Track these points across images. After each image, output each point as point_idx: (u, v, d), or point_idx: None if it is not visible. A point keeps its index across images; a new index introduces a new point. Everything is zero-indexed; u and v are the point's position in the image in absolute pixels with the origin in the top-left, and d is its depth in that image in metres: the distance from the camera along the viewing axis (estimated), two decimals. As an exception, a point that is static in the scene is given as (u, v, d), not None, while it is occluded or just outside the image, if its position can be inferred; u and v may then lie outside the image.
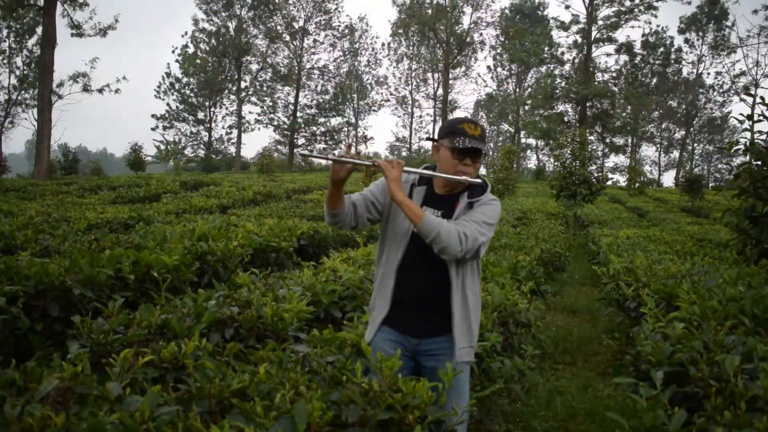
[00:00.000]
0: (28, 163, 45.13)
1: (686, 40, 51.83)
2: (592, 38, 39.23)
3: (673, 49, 45.87)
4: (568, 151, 14.43)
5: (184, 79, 50.29)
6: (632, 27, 62.61)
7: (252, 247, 5.90)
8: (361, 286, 3.90)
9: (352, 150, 2.19)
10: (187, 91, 50.57)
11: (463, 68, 50.75)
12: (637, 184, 31.70)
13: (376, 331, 2.26)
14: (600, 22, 39.34)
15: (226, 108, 51.78)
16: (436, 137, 2.32)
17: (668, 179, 62.47)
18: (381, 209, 2.31)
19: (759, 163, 6.85)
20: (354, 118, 55.45)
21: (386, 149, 59.32)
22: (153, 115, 49.84)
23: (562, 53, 41.08)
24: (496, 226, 2.23)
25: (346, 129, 54.57)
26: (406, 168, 2.16)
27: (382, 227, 2.34)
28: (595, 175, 14.22)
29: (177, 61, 50.18)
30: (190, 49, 48.90)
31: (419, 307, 2.21)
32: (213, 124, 51.82)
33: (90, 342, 2.45)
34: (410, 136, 57.91)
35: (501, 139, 59.76)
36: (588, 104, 38.83)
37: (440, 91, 50.62)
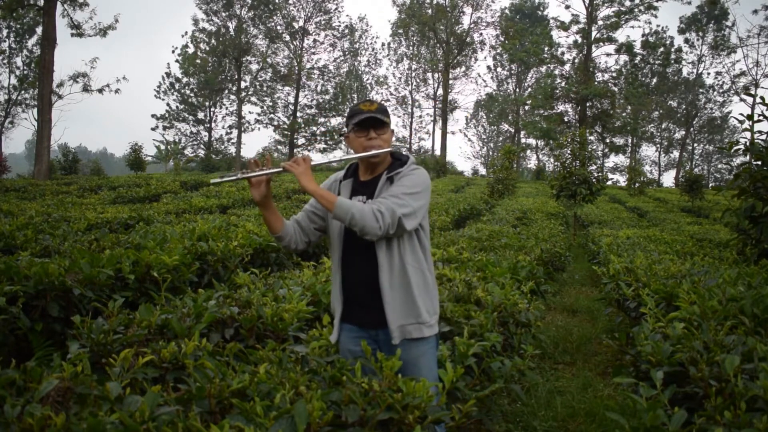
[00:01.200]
0: (28, 163, 45.18)
1: (686, 40, 51.87)
2: (592, 38, 39.21)
3: (673, 49, 45.81)
4: (568, 151, 14.41)
5: (184, 79, 50.31)
6: (632, 27, 63.02)
7: (252, 247, 5.90)
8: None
9: (261, 162, 2.20)
10: (187, 91, 50.60)
11: (463, 68, 50.80)
12: (637, 184, 31.69)
13: (339, 331, 2.29)
14: (600, 22, 39.34)
15: (226, 108, 51.84)
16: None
17: (668, 179, 62.59)
18: (323, 215, 2.35)
19: (759, 163, 6.85)
20: (354, 118, 55.36)
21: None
22: (153, 115, 49.90)
23: (562, 53, 41.06)
24: (425, 195, 2.18)
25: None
26: (313, 162, 2.19)
27: (328, 233, 2.37)
28: (595, 175, 14.20)
29: (177, 61, 50.24)
30: (190, 49, 48.94)
31: (367, 297, 2.21)
32: (213, 124, 51.85)
33: (90, 342, 2.45)
34: (410, 136, 57.97)
35: (501, 139, 59.79)
36: (588, 104, 38.80)
37: (440, 91, 50.64)
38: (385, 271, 2.15)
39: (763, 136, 6.91)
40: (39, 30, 34.36)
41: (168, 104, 50.56)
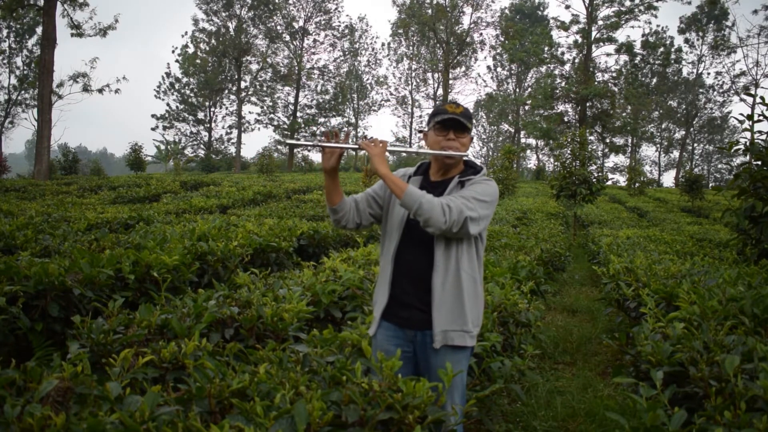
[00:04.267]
0: (28, 163, 45.18)
1: (686, 40, 51.85)
2: (592, 38, 39.19)
3: (673, 49, 45.80)
4: (568, 151, 14.40)
5: (184, 79, 50.33)
6: (632, 27, 62.97)
7: (252, 247, 5.90)
8: (361, 286, 3.91)
9: (341, 136, 2.23)
10: (187, 91, 50.61)
11: (463, 68, 50.80)
12: (637, 184, 31.69)
13: (378, 327, 2.27)
14: (600, 22, 39.32)
15: (226, 108, 51.85)
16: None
17: (668, 179, 62.67)
18: (382, 203, 2.35)
19: (759, 163, 6.84)
20: (354, 118, 55.47)
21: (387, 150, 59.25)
22: (153, 115, 49.92)
23: (562, 53, 41.03)
24: (492, 206, 2.19)
25: (346, 129, 54.46)
26: (390, 147, 2.21)
27: (383, 223, 2.37)
28: (595, 175, 14.19)
29: (177, 61, 50.27)
30: (190, 49, 48.96)
31: (414, 296, 2.20)
32: (213, 124, 51.86)
33: (90, 342, 2.45)
34: (410, 136, 57.97)
35: (501, 139, 59.78)
36: (588, 104, 38.79)
37: (440, 91, 50.65)
38: (439, 272, 2.14)
39: (763, 136, 6.91)
40: (39, 30, 34.38)
41: (168, 104, 50.63)
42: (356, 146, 2.19)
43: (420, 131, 2.38)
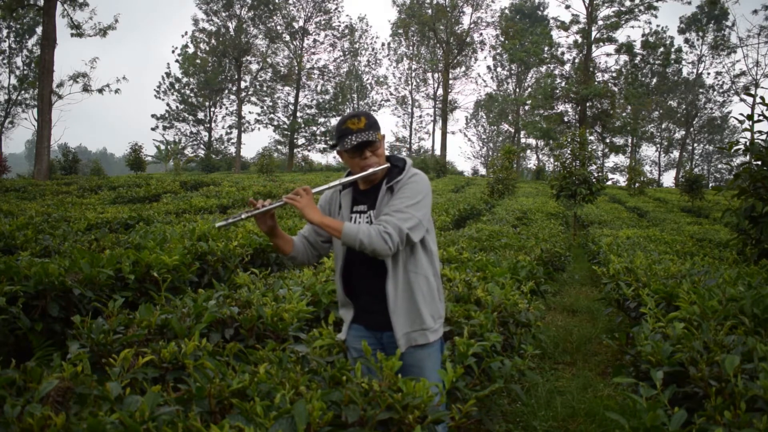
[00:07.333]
0: (28, 163, 45.21)
1: (686, 40, 51.89)
2: (592, 38, 39.21)
3: (673, 49, 45.78)
4: (568, 151, 14.41)
5: (184, 79, 50.34)
6: (632, 27, 63.05)
7: (252, 247, 5.90)
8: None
9: (265, 201, 2.21)
10: (187, 91, 50.62)
11: (463, 68, 50.83)
12: (637, 184, 31.69)
13: (348, 330, 2.33)
14: (600, 22, 39.34)
15: (226, 108, 51.88)
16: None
17: (668, 179, 62.66)
18: None
19: (759, 163, 6.85)
20: (354, 118, 55.42)
21: (386, 149, 59.29)
22: (153, 115, 49.94)
23: (562, 53, 41.06)
24: (426, 202, 2.18)
25: None
26: (314, 190, 2.20)
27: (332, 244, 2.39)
28: (595, 175, 14.20)
29: (177, 61, 50.29)
30: (190, 49, 48.97)
31: (372, 304, 2.24)
32: (213, 124, 51.88)
33: (90, 342, 2.45)
34: (410, 136, 58.03)
35: (501, 139, 59.79)
36: (588, 104, 38.80)
37: (440, 91, 50.66)
38: (390, 279, 2.17)
39: (763, 136, 6.91)
40: (39, 30, 34.38)
41: (168, 104, 50.68)
42: (282, 203, 2.17)
43: (333, 147, 2.34)
